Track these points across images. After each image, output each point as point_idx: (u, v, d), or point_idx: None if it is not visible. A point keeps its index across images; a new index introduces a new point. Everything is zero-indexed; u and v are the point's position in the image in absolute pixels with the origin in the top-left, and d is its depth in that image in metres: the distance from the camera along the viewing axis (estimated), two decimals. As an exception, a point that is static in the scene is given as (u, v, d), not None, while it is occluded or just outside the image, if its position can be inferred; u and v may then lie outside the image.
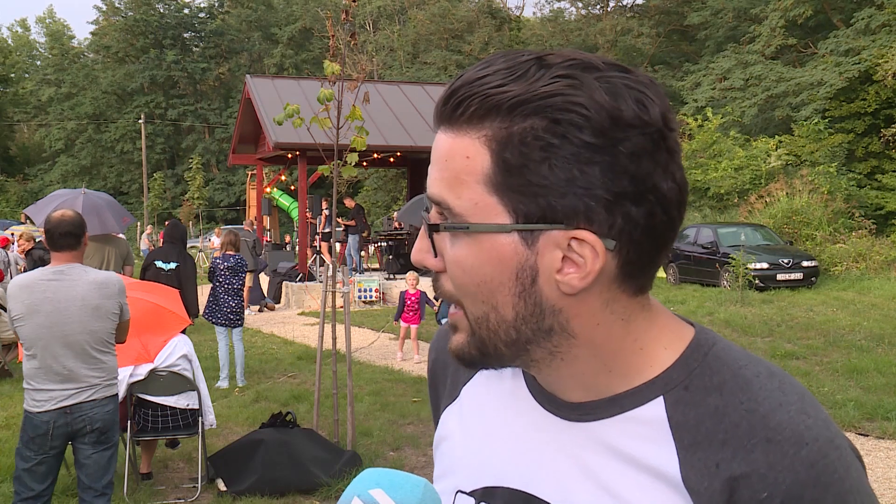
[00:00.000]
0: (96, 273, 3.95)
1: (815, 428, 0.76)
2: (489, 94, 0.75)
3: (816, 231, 19.27)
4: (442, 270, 0.82)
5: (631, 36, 39.45)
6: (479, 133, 0.76)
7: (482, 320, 0.80)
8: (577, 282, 0.76)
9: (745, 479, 0.75)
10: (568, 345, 0.80)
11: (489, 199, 0.76)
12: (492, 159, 0.75)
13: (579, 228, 0.75)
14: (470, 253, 0.78)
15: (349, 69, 28.51)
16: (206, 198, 45.64)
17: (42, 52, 67.19)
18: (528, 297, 0.78)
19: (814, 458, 0.74)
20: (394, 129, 17.66)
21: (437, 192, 0.79)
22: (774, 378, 0.80)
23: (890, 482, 5.65)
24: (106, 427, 3.94)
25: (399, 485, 0.78)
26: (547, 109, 0.74)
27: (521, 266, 0.77)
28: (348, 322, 6.34)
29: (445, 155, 0.78)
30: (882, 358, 9.36)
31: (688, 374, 0.81)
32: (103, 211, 7.96)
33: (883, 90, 24.44)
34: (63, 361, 3.81)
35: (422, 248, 0.83)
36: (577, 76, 0.74)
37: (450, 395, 1.00)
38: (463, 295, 0.80)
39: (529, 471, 0.87)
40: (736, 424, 0.77)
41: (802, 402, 0.78)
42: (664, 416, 0.80)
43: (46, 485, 3.92)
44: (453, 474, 0.94)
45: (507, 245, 0.77)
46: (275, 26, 57.40)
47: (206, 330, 11.26)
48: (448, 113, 0.78)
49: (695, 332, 0.85)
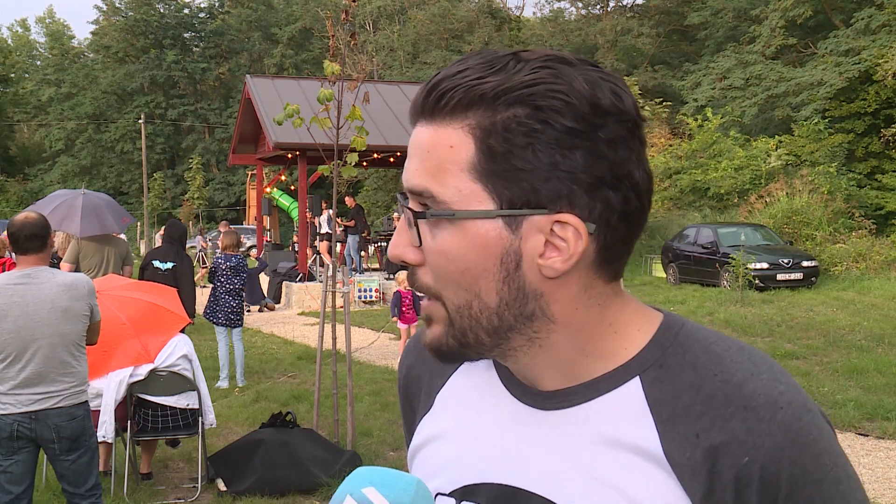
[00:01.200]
0: (64, 275, 3.89)
1: (787, 393, 0.79)
2: (472, 86, 0.77)
3: (816, 231, 19.27)
4: (420, 264, 0.82)
5: (631, 36, 39.42)
6: (463, 123, 0.78)
7: (464, 309, 0.81)
8: (561, 265, 0.79)
9: (726, 446, 0.77)
10: (547, 330, 0.82)
11: (473, 186, 0.78)
12: (476, 147, 0.77)
13: (563, 212, 0.78)
14: (455, 240, 0.79)
15: (349, 69, 28.51)
16: (206, 198, 45.61)
17: (42, 52, 67.18)
18: (512, 283, 0.79)
19: (789, 422, 0.77)
20: (394, 129, 17.67)
21: (418, 183, 0.80)
22: (743, 352, 0.83)
23: (890, 482, 5.65)
24: (75, 435, 3.88)
25: (392, 483, 0.78)
26: (530, 97, 0.76)
27: (505, 251, 0.79)
28: (348, 322, 6.34)
29: (427, 146, 0.80)
30: (882, 358, 9.36)
31: (661, 352, 0.83)
32: (102, 211, 7.96)
33: (883, 90, 24.43)
34: (31, 366, 3.74)
35: (399, 242, 0.83)
36: (555, 67, 0.78)
37: (424, 406, 1.01)
38: (444, 285, 0.81)
39: (511, 464, 0.87)
40: (712, 395, 0.79)
41: (773, 371, 0.81)
42: (641, 394, 0.82)
43: (24, 486, 3.86)
44: (432, 479, 0.94)
45: (492, 231, 0.78)
46: (275, 26, 57.38)
47: (206, 330, 11.26)
48: (430, 106, 0.80)
49: (663, 315, 0.88)
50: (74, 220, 7.68)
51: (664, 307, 0.95)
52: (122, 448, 5.69)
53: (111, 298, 5.47)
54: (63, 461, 3.90)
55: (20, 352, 3.74)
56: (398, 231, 0.84)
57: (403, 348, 1.09)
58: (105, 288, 5.60)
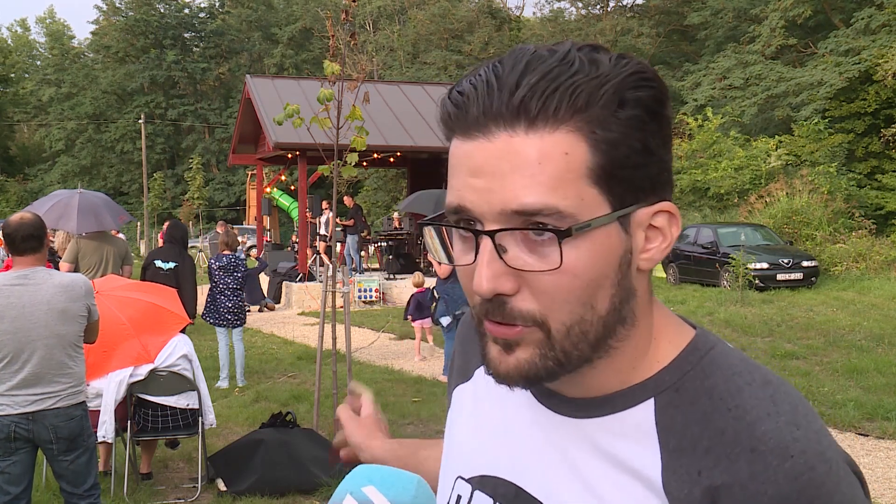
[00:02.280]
0: (61, 276, 3.89)
1: (802, 440, 0.73)
2: (575, 85, 0.72)
3: (816, 231, 19.26)
4: (516, 291, 0.75)
5: (631, 36, 39.41)
6: (572, 126, 0.73)
7: (575, 325, 0.75)
8: (660, 254, 0.78)
9: (727, 489, 0.73)
10: (626, 335, 0.79)
11: (592, 192, 0.73)
12: (589, 149, 0.73)
13: (663, 200, 0.77)
14: (585, 253, 0.73)
15: (349, 69, 28.50)
16: (206, 198, 45.59)
17: (42, 52, 67.18)
18: (623, 283, 0.77)
19: (799, 471, 0.71)
20: (394, 129, 17.66)
21: (536, 200, 0.72)
22: (769, 387, 0.77)
23: (890, 482, 5.65)
24: (73, 435, 3.88)
25: (392, 482, 0.78)
26: (634, 89, 0.74)
27: (623, 253, 0.76)
28: (348, 322, 6.34)
29: (536, 157, 0.72)
30: (882, 358, 9.36)
31: (680, 376, 0.80)
32: (99, 209, 7.96)
33: (883, 90, 24.44)
34: (29, 367, 3.75)
35: (496, 272, 0.74)
36: (626, 56, 0.76)
37: (462, 375, 1.01)
38: (559, 305, 0.74)
39: (520, 463, 0.87)
40: (721, 431, 0.75)
41: (794, 414, 0.75)
42: (652, 418, 0.79)
43: (22, 487, 3.86)
44: (455, 459, 0.95)
45: (614, 235, 0.75)
46: (275, 26, 57.37)
47: (206, 330, 11.26)
48: (533, 112, 0.72)
49: (695, 333, 0.84)
50: (71, 218, 7.69)
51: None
52: (122, 448, 5.69)
53: (111, 299, 5.47)
54: (61, 461, 3.90)
55: (17, 353, 3.74)
56: (486, 261, 0.73)
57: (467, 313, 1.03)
58: (105, 288, 5.61)
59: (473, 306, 0.78)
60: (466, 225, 0.76)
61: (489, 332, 0.77)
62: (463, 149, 0.75)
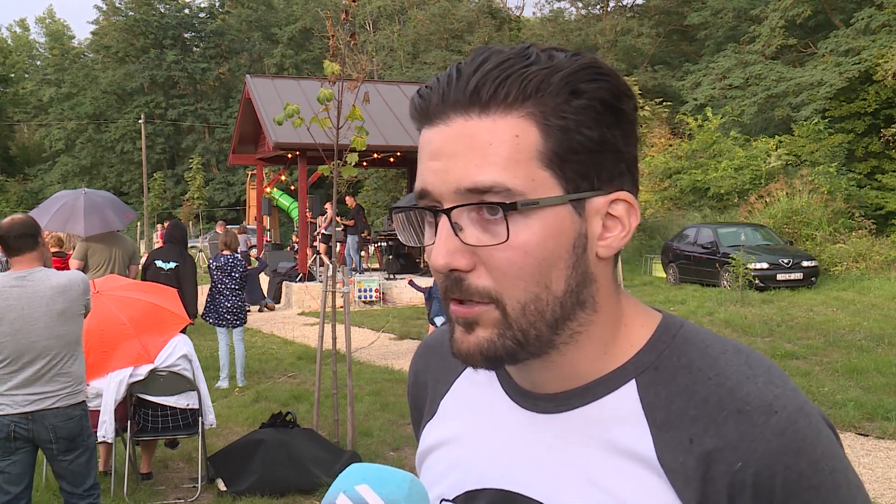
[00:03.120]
0: (59, 276, 3.89)
1: (783, 397, 0.77)
2: (527, 74, 0.77)
3: (816, 231, 19.26)
4: (472, 268, 0.78)
5: (631, 36, 39.41)
6: (523, 111, 0.77)
7: (530, 304, 0.78)
8: (618, 242, 0.81)
9: (719, 452, 0.76)
10: (588, 321, 0.82)
11: (542, 174, 0.77)
12: (540, 134, 0.77)
13: (621, 190, 0.80)
14: (534, 231, 0.77)
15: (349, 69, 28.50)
16: (206, 198, 45.62)
17: (42, 52, 67.18)
18: (578, 267, 0.79)
19: (783, 426, 0.75)
20: (394, 129, 17.66)
21: (487, 178, 0.76)
22: (741, 354, 0.82)
23: (890, 482, 5.65)
24: (72, 435, 3.88)
25: (385, 480, 0.78)
26: (587, 80, 0.78)
27: (577, 235, 0.79)
28: (348, 322, 6.34)
29: (488, 139, 0.76)
30: (882, 358, 9.36)
31: (657, 355, 0.83)
32: (104, 209, 8.00)
33: (883, 90, 24.43)
34: (28, 368, 3.75)
35: (446, 250, 0.77)
36: (581, 53, 0.80)
37: (429, 413, 1.00)
38: (512, 282, 0.77)
39: (511, 469, 0.87)
40: (705, 399, 0.78)
41: (769, 374, 0.80)
42: (636, 398, 0.81)
43: (22, 487, 3.87)
44: (437, 485, 0.94)
45: (566, 217, 0.78)
46: (275, 26, 57.37)
47: (207, 330, 11.26)
48: (480, 98, 0.77)
49: (662, 315, 0.87)
50: (78, 220, 7.72)
51: (664, 307, 0.96)
52: (122, 448, 5.69)
53: (111, 299, 5.47)
54: (61, 461, 3.90)
55: (17, 355, 3.74)
56: (443, 239, 0.77)
57: (416, 352, 1.06)
58: (105, 288, 5.60)
59: (438, 284, 0.82)
60: (428, 206, 0.80)
61: (452, 312, 0.81)
62: (426, 136, 0.81)
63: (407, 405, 1.11)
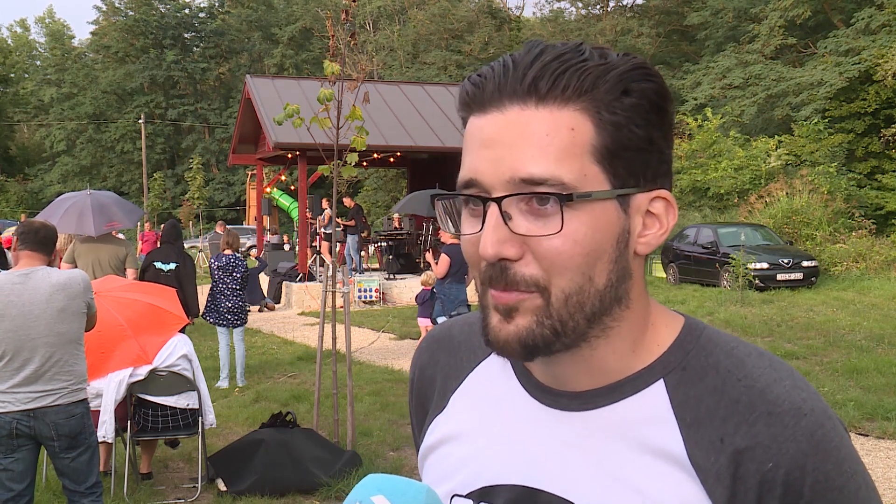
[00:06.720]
0: (59, 275, 3.90)
1: (810, 400, 0.80)
2: (585, 69, 0.78)
3: (816, 231, 19.26)
4: (520, 257, 0.79)
5: (631, 36, 39.39)
6: (579, 105, 0.78)
7: (573, 294, 0.79)
8: (657, 239, 0.83)
9: (750, 451, 0.78)
10: (621, 316, 0.83)
11: (593, 169, 0.79)
12: (594, 129, 0.78)
13: (662, 188, 0.82)
14: (583, 223, 0.78)
15: (349, 69, 28.49)
16: (206, 198, 45.58)
17: (42, 52, 67.16)
18: (619, 262, 0.81)
19: (812, 428, 0.78)
20: (394, 129, 17.65)
21: (543, 170, 0.77)
22: (764, 357, 0.84)
23: (890, 482, 5.65)
24: (74, 433, 3.90)
25: (402, 491, 0.77)
26: (641, 79, 0.80)
27: (621, 230, 0.81)
28: (348, 322, 6.34)
29: (545, 130, 0.78)
30: (882, 358, 9.36)
31: (685, 355, 0.84)
32: (111, 208, 7.96)
33: (883, 90, 24.43)
34: (30, 365, 3.77)
35: (496, 239, 0.78)
36: (631, 54, 0.82)
37: (438, 407, 0.99)
38: (560, 271, 0.78)
39: (530, 465, 0.86)
40: (736, 400, 0.80)
41: (793, 378, 0.82)
42: (666, 397, 0.83)
43: (25, 484, 3.88)
44: (448, 480, 0.92)
45: (612, 211, 0.80)
46: (275, 26, 57.34)
47: (207, 330, 11.26)
48: (544, 89, 0.78)
49: (685, 318, 0.89)
50: (88, 219, 7.69)
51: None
52: (122, 448, 5.69)
53: (109, 300, 5.46)
54: (63, 459, 3.91)
55: (18, 351, 3.76)
56: (492, 227, 0.78)
57: (415, 350, 1.04)
58: (103, 289, 5.59)
59: (478, 275, 0.82)
60: (478, 195, 0.80)
61: (492, 298, 0.81)
62: (477, 124, 0.81)
63: (407, 405, 1.10)
